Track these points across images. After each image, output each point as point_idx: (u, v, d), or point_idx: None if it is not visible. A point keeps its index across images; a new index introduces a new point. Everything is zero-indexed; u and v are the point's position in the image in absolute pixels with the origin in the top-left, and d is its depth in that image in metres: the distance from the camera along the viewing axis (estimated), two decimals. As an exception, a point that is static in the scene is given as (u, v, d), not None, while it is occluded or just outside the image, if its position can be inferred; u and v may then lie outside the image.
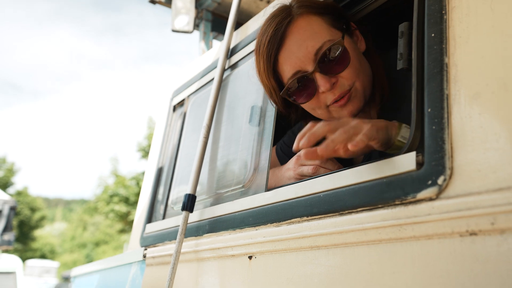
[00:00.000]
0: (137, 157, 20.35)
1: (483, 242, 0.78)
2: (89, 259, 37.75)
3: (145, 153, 19.38)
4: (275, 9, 1.35)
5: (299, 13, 1.26)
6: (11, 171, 33.21)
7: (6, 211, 5.86)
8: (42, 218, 35.31)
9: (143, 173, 19.83)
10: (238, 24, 2.32)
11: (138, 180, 19.87)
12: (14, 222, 29.71)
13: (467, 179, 0.83)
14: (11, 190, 33.05)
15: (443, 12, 0.98)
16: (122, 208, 19.19)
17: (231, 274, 1.37)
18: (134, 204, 19.20)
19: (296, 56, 1.24)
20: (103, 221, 31.39)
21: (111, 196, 19.62)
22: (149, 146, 19.16)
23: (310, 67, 1.23)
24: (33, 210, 33.52)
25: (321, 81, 1.22)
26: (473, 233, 0.80)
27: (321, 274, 1.08)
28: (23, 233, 32.44)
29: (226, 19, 1.99)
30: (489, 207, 0.77)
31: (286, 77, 1.29)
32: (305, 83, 1.25)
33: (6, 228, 5.82)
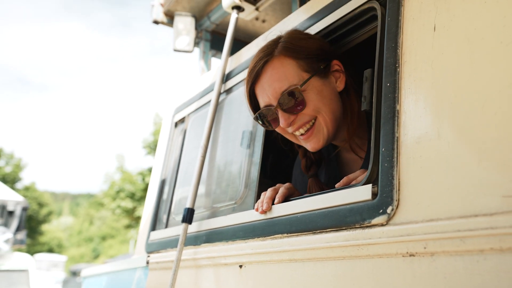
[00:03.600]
0: (143, 153, 20.61)
1: (419, 262, 0.97)
2: (96, 253, 38.20)
3: (151, 149, 19.64)
4: (267, 41, 1.54)
5: (277, 54, 1.44)
6: (18, 167, 33.61)
7: (18, 211, 6.13)
8: (50, 213, 35.76)
9: (148, 169, 20.09)
10: (236, 41, 2.50)
11: (144, 176, 20.15)
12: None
13: (409, 209, 1.02)
14: (19, 185, 33.46)
15: (397, 65, 1.16)
16: (128, 204, 19.50)
17: (225, 280, 1.57)
18: (140, 199, 19.50)
19: (266, 93, 1.46)
20: (110, 216, 31.79)
21: (118, 192, 19.93)
22: (154, 142, 19.39)
23: (275, 104, 1.45)
24: (40, 205, 33.95)
25: (281, 118, 1.44)
26: (411, 255, 0.99)
27: (298, 284, 1.27)
28: (31, 228, 32.89)
29: (225, 37, 2.17)
30: (422, 234, 0.96)
31: (260, 106, 1.52)
32: (271, 115, 1.47)
33: (19, 228, 6.09)
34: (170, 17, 2.72)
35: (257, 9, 2.11)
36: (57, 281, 20.63)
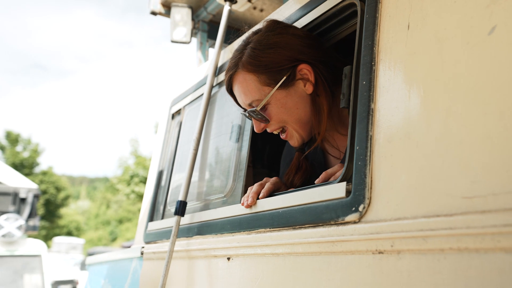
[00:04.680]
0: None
1: (387, 259, 1.00)
2: (113, 236, 38.89)
3: (163, 134, 19.80)
4: (238, 45, 1.57)
5: (240, 67, 1.49)
6: (36, 152, 34.16)
7: (30, 198, 6.32)
8: (67, 197, 36.39)
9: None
10: (234, 30, 2.50)
11: (157, 160, 20.32)
12: (41, 201, 30.79)
13: (379, 208, 1.04)
14: (37, 170, 34.05)
15: (373, 63, 1.17)
16: (142, 189, 19.76)
17: (215, 271, 1.61)
18: (154, 184, 19.72)
19: (238, 100, 1.56)
20: (126, 200, 32.28)
21: (132, 177, 20.18)
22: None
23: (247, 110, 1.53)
24: (58, 189, 34.55)
25: (254, 124, 1.54)
26: (380, 252, 1.01)
27: (280, 277, 1.31)
28: (49, 211, 33.57)
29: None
30: (390, 232, 0.99)
31: None
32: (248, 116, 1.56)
33: (31, 215, 6.28)
34: (167, 8, 2.74)
35: (249, 0, 2.11)
36: (76, 263, 21.05)
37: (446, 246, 0.87)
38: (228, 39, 2.15)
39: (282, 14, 1.71)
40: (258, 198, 1.47)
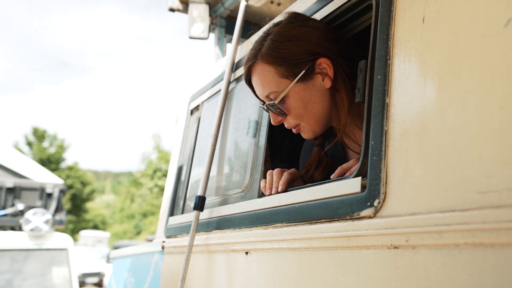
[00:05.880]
0: (178, 132, 20.96)
1: (402, 254, 1.00)
2: (138, 230, 39.48)
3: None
4: (258, 37, 1.56)
5: (259, 58, 1.48)
6: (62, 147, 34.87)
7: (56, 193, 6.51)
8: (93, 191, 37.09)
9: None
10: (251, 24, 2.52)
11: (180, 155, 20.54)
12: (67, 195, 31.52)
13: (394, 203, 1.04)
14: (63, 165, 34.76)
15: (388, 57, 1.16)
16: (165, 183, 20.04)
17: (233, 265, 1.63)
18: (176, 177, 19.98)
19: (256, 91, 1.56)
20: (149, 194, 32.71)
21: (155, 171, 20.43)
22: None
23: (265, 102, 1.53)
24: (83, 184, 35.22)
25: (272, 117, 1.53)
26: (395, 247, 1.01)
27: (296, 271, 1.32)
28: (76, 206, 34.29)
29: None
30: (405, 227, 0.98)
31: None
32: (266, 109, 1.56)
33: (57, 209, 6.48)
34: (185, 4, 2.76)
35: (266, -5, 2.11)
36: (102, 256, 21.54)
37: (461, 241, 0.87)
38: (245, 34, 2.15)
39: (299, 8, 1.70)
40: (278, 192, 1.48)
